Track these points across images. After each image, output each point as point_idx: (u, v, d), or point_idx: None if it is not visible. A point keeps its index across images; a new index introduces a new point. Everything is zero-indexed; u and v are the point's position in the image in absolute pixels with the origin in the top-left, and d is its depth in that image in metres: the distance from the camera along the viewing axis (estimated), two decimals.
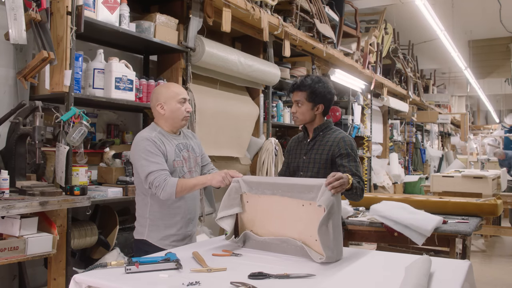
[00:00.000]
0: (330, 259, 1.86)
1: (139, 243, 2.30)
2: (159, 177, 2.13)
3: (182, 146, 2.35)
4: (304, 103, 2.45)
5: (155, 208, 2.27)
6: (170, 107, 2.29)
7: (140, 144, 2.20)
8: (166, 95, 2.31)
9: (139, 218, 2.33)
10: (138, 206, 2.35)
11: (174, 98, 2.30)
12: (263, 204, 2.10)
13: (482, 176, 5.50)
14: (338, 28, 5.50)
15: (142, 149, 2.18)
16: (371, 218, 3.28)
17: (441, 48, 8.46)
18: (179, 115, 2.31)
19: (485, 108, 17.50)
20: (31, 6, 2.44)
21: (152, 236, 2.27)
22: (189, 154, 2.37)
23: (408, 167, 9.87)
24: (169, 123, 2.32)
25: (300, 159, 2.52)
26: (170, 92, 2.32)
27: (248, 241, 2.14)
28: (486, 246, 6.71)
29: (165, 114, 2.30)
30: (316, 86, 2.43)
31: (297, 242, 1.97)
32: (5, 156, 2.58)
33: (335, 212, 1.88)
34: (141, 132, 2.30)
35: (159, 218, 2.27)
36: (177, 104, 2.30)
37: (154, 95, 2.35)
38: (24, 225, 2.26)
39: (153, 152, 2.18)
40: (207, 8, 3.54)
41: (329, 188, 1.87)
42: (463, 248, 3.18)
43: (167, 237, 2.27)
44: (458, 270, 1.78)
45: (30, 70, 2.47)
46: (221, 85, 4.14)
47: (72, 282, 1.65)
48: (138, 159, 2.19)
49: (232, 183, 2.15)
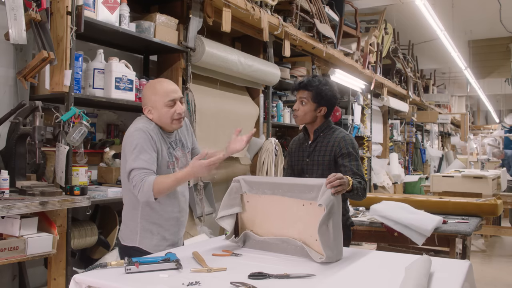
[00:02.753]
0: (330, 259, 1.86)
1: (129, 250, 2.10)
2: (138, 176, 1.95)
3: (175, 144, 2.18)
4: (308, 103, 2.44)
5: (147, 210, 2.09)
6: (157, 112, 2.09)
7: (134, 135, 2.02)
8: (153, 98, 2.09)
9: (128, 222, 2.12)
10: (126, 208, 2.15)
11: (160, 101, 2.07)
12: (263, 204, 2.10)
13: (482, 176, 5.50)
14: (338, 28, 5.50)
15: (135, 142, 2.00)
16: (371, 218, 3.28)
17: (441, 48, 8.45)
18: (168, 120, 2.09)
19: (485, 108, 17.51)
20: (31, 6, 2.44)
21: (146, 243, 2.09)
22: (182, 152, 2.23)
23: (408, 167, 9.87)
24: (160, 125, 2.13)
25: (304, 162, 2.51)
26: (156, 94, 2.09)
27: (248, 241, 2.14)
28: (486, 246, 6.71)
29: (153, 118, 2.11)
30: (323, 88, 2.42)
31: (297, 242, 1.97)
32: (5, 156, 2.58)
33: (335, 212, 1.88)
34: (136, 123, 2.10)
35: (152, 222, 2.10)
36: (164, 107, 2.07)
37: (142, 97, 2.16)
38: (24, 225, 2.25)
39: (143, 146, 1.99)
40: (207, 8, 3.54)
41: (329, 187, 1.88)
42: (463, 248, 3.18)
43: (161, 242, 2.12)
44: (458, 270, 1.78)
45: (30, 70, 2.47)
46: (221, 85, 4.14)
47: (72, 282, 1.65)
48: (127, 152, 2.02)
49: (232, 183, 2.16)
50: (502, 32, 8.14)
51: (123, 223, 2.18)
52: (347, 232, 2.49)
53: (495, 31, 8.47)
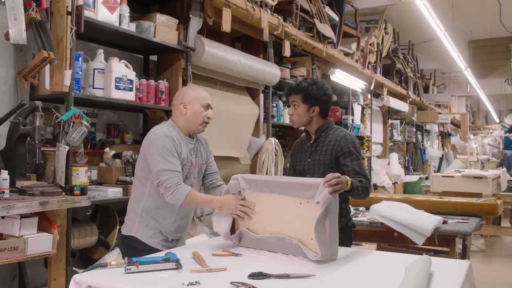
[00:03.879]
0: (325, 258, 1.87)
1: (127, 239, 2.24)
2: (172, 179, 2.08)
3: (193, 152, 2.32)
4: (300, 105, 2.46)
5: (149, 205, 2.21)
6: (192, 108, 2.27)
7: (160, 140, 2.15)
8: (192, 96, 2.30)
9: (130, 213, 2.27)
10: (132, 200, 2.29)
11: (199, 100, 2.29)
12: (261, 201, 2.11)
13: (482, 176, 5.50)
14: (338, 28, 5.49)
15: (161, 145, 2.13)
16: (371, 218, 3.28)
17: (441, 48, 8.45)
18: (199, 119, 2.29)
19: (485, 108, 17.50)
20: (31, 6, 2.44)
21: (142, 233, 2.21)
22: (196, 160, 2.33)
23: (408, 167, 9.87)
24: (187, 124, 2.29)
25: (305, 162, 2.52)
26: (196, 94, 2.31)
27: (244, 239, 2.14)
28: (486, 246, 6.71)
29: (186, 114, 2.27)
30: (310, 88, 2.43)
31: (292, 240, 1.98)
32: (5, 156, 2.58)
33: (332, 210, 1.89)
34: (161, 127, 2.25)
35: (151, 216, 2.21)
36: (200, 107, 2.28)
37: (179, 94, 2.34)
38: (24, 225, 2.25)
39: (171, 151, 2.14)
40: (207, 8, 3.54)
41: (326, 186, 1.89)
42: (463, 248, 3.18)
43: (156, 236, 2.21)
44: (458, 270, 1.78)
45: (30, 70, 2.47)
46: (221, 85, 4.14)
47: (72, 282, 1.65)
48: (153, 154, 2.13)
49: (231, 180, 2.18)
50: (502, 32, 8.14)
51: (126, 215, 2.29)
52: (348, 234, 2.50)
53: (495, 31, 8.47)
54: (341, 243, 2.09)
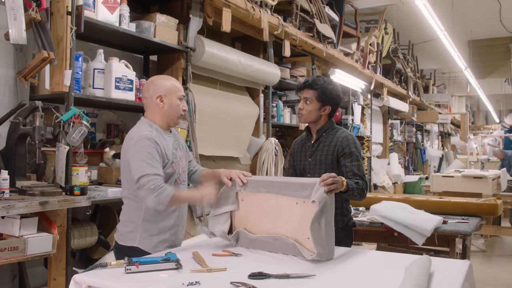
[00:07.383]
0: (321, 257, 1.87)
1: (129, 250, 2.08)
2: (155, 180, 1.96)
3: (176, 145, 2.21)
4: (313, 102, 2.45)
5: (150, 212, 2.09)
6: (170, 102, 2.15)
7: (140, 143, 2.02)
8: (167, 88, 2.16)
9: (128, 224, 2.12)
10: (127, 210, 2.14)
11: (175, 93, 2.17)
12: (257, 202, 2.11)
13: (482, 176, 5.50)
14: (338, 28, 5.50)
15: (142, 150, 2.01)
16: (371, 218, 3.28)
17: (441, 48, 8.45)
18: (177, 112, 2.17)
19: (485, 108, 17.50)
20: (31, 6, 2.44)
21: (145, 243, 2.08)
22: (182, 153, 2.25)
23: (408, 167, 9.87)
24: (166, 118, 2.16)
25: (306, 162, 2.51)
26: (171, 86, 2.18)
27: (241, 239, 2.14)
28: (486, 246, 6.71)
29: (163, 108, 2.14)
30: (328, 87, 2.44)
31: (289, 240, 1.98)
32: (5, 156, 2.58)
33: (327, 210, 1.89)
34: (138, 129, 2.10)
35: (154, 222, 2.10)
36: (177, 100, 2.17)
37: (152, 86, 2.17)
38: (24, 225, 2.26)
39: (153, 155, 2.01)
40: (207, 8, 3.54)
41: (322, 185, 1.90)
42: (463, 248, 3.19)
43: (161, 243, 2.11)
44: (458, 270, 1.78)
45: (30, 70, 2.47)
46: (221, 85, 4.14)
47: (72, 282, 1.65)
48: (134, 159, 2.01)
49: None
50: (502, 32, 8.15)
51: (121, 223, 2.15)
52: (349, 233, 2.50)
53: (495, 31, 8.47)
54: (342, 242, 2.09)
